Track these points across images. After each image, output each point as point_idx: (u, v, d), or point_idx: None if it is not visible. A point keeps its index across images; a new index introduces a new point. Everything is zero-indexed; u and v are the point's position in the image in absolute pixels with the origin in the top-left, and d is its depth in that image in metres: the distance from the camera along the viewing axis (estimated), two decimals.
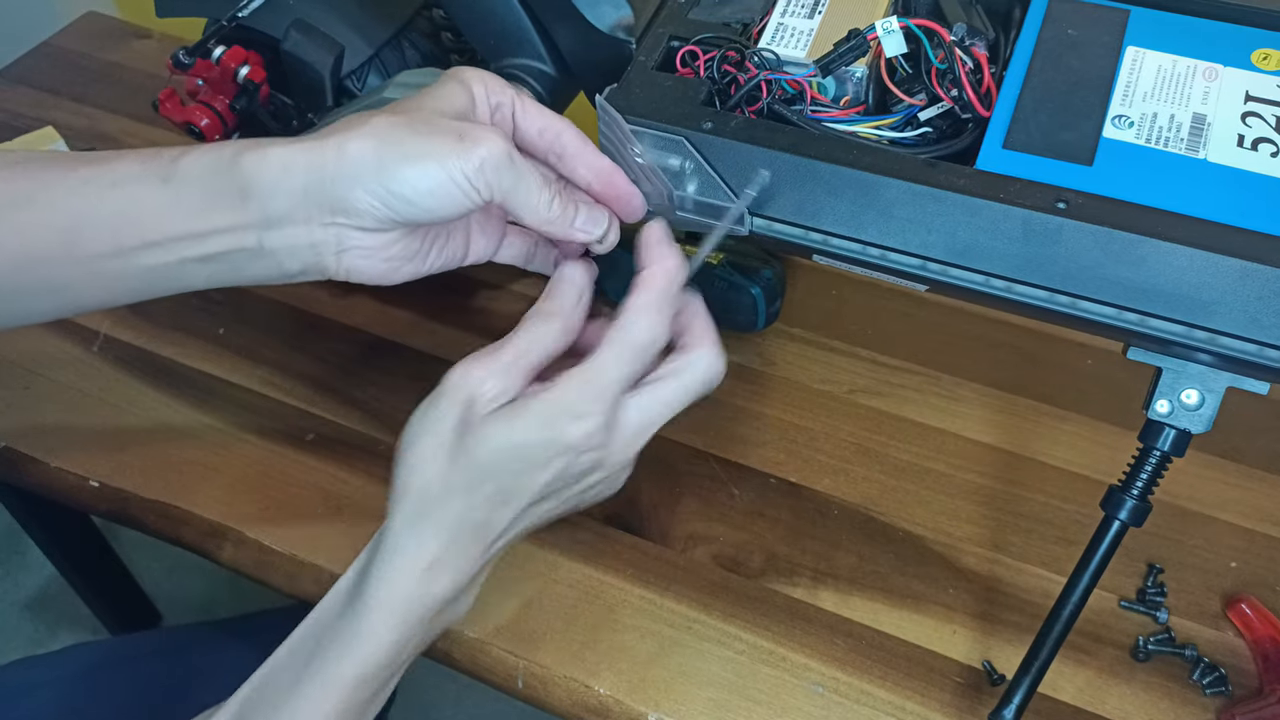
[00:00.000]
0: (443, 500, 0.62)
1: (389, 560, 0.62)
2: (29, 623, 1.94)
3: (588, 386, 0.62)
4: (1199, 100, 0.63)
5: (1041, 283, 0.60)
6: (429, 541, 0.62)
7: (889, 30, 0.65)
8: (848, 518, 0.94)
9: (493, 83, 0.65)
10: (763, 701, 0.83)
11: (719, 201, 0.67)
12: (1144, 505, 0.69)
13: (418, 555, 0.62)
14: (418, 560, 0.62)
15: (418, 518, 0.62)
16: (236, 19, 0.91)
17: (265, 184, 0.61)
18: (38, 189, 0.64)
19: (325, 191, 0.61)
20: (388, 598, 0.62)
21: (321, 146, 0.61)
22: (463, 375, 0.62)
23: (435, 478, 0.62)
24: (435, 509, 0.62)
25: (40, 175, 0.64)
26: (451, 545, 0.63)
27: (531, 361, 0.64)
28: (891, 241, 0.63)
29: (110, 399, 1.04)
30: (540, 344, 0.64)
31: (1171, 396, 0.65)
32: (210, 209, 0.63)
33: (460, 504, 0.62)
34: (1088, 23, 0.67)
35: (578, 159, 0.66)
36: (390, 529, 0.63)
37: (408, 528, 0.62)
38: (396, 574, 0.62)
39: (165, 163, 0.63)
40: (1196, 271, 0.57)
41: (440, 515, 0.62)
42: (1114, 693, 0.83)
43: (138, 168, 0.64)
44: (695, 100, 0.67)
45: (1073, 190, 0.59)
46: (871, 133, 0.66)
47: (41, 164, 0.65)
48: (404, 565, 0.62)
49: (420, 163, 0.60)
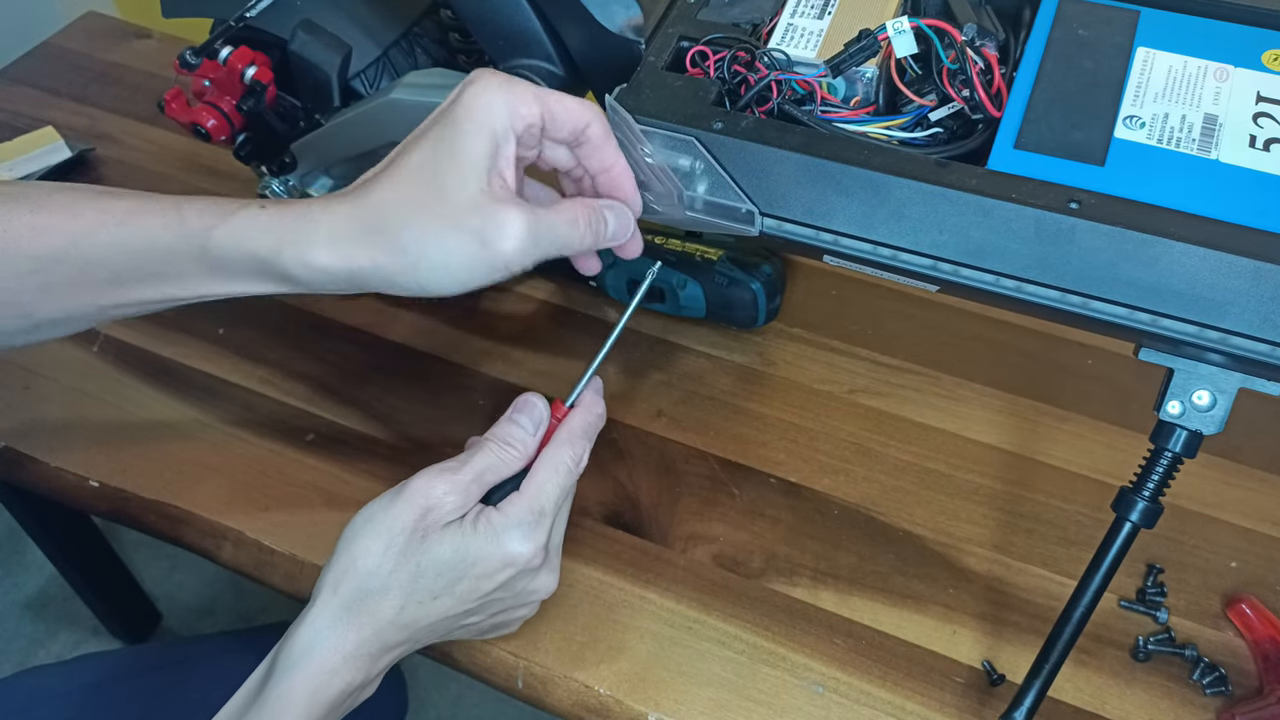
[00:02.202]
0: (380, 595, 0.67)
1: (306, 652, 0.67)
2: (29, 623, 1.93)
3: (534, 506, 0.70)
4: (1210, 101, 0.63)
5: (1053, 283, 0.61)
6: (351, 634, 0.67)
7: (900, 30, 0.65)
8: (848, 518, 0.94)
9: (518, 107, 0.64)
10: (763, 701, 0.83)
11: (729, 201, 0.67)
12: (1155, 507, 0.69)
13: (337, 646, 0.67)
14: (336, 651, 0.67)
15: (348, 608, 0.67)
16: (244, 19, 0.91)
17: (305, 280, 0.66)
18: (69, 244, 0.68)
19: (365, 283, 0.66)
20: (300, 688, 0.66)
21: (354, 256, 0.64)
22: (425, 485, 0.68)
23: (377, 571, 0.67)
24: (369, 602, 0.67)
25: (70, 228, 0.68)
26: (373, 639, 0.68)
27: (487, 482, 0.71)
28: (903, 242, 0.63)
29: (110, 399, 1.04)
30: (496, 470, 0.71)
31: (1183, 397, 0.66)
32: (250, 284, 0.69)
33: (395, 602, 0.68)
34: (1098, 23, 0.68)
35: (594, 153, 0.68)
36: (311, 619, 0.67)
37: (335, 617, 0.67)
38: (311, 665, 0.66)
39: (199, 233, 0.67)
40: (1209, 271, 0.57)
41: (373, 608, 0.67)
42: (1114, 693, 0.83)
43: (169, 235, 0.68)
44: (705, 100, 0.67)
45: (1085, 190, 0.59)
46: (882, 133, 0.67)
47: (70, 214, 0.69)
48: (320, 656, 0.67)
49: (450, 271, 0.64)
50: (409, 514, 0.68)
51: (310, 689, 0.66)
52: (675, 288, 1.03)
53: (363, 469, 0.98)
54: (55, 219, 0.68)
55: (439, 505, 0.68)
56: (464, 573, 0.69)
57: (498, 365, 1.06)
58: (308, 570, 0.91)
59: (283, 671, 0.66)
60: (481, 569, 0.69)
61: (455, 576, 0.69)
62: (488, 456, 0.71)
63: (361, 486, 0.96)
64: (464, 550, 0.68)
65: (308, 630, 0.67)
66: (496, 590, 0.71)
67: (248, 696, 0.68)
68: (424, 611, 0.69)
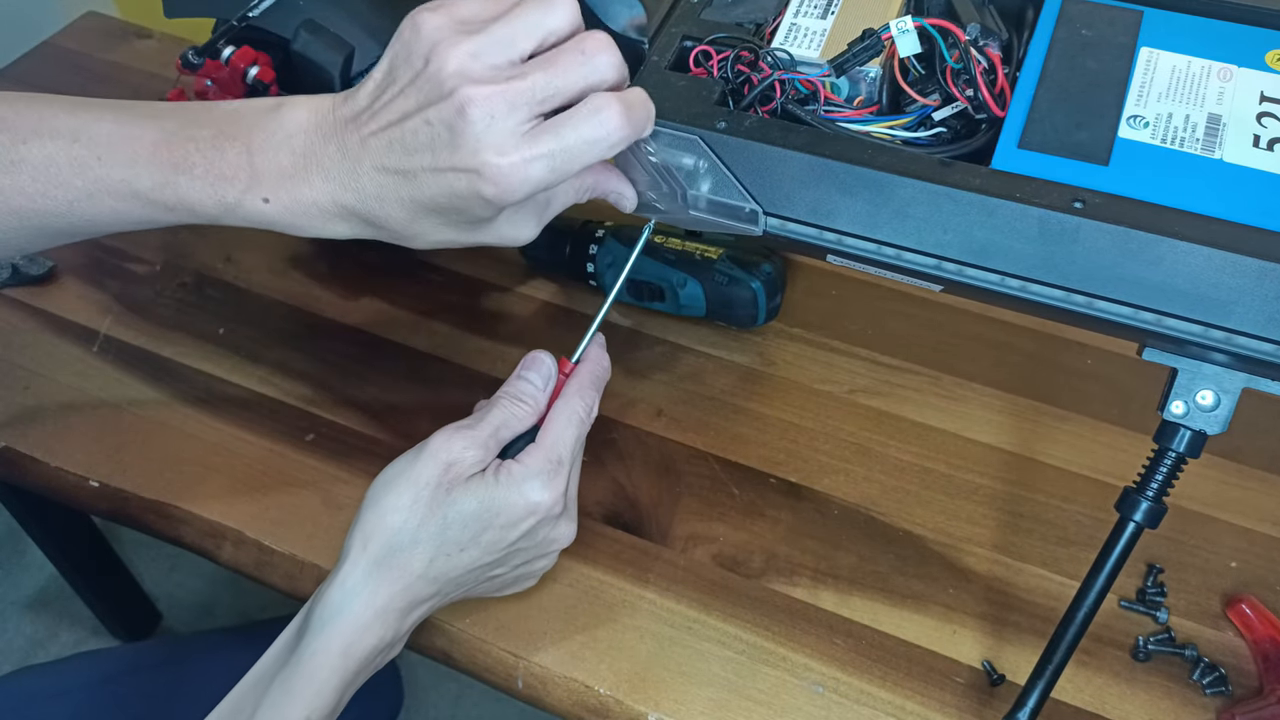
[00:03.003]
0: (409, 549, 0.69)
1: (340, 609, 0.69)
2: (29, 623, 1.93)
3: (551, 456, 0.72)
4: (1214, 101, 0.63)
5: (1058, 282, 0.61)
6: (382, 589, 0.69)
7: (904, 30, 0.65)
8: (848, 518, 0.94)
9: None
10: (763, 701, 0.83)
11: (732, 201, 0.67)
12: (1159, 507, 0.69)
13: (369, 602, 0.69)
14: (368, 607, 0.69)
15: (378, 564, 0.69)
16: (246, 19, 0.90)
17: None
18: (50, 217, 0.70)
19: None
20: (333, 643, 0.68)
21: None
22: (445, 442, 0.71)
23: (406, 527, 0.69)
24: (399, 556, 0.69)
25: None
26: (403, 593, 0.70)
27: (503, 438, 0.73)
28: (907, 241, 0.63)
29: (110, 399, 1.03)
30: (510, 425, 0.73)
31: (1187, 397, 0.66)
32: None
33: (425, 555, 0.70)
34: (1101, 23, 0.68)
35: None
36: (343, 578, 0.69)
37: (366, 573, 0.69)
38: (344, 622, 0.68)
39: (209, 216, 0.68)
40: (1214, 271, 0.57)
41: (403, 562, 0.69)
42: (1114, 693, 0.83)
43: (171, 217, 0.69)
44: (709, 100, 0.67)
45: (1089, 190, 0.59)
46: (885, 133, 0.67)
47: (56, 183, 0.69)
48: (354, 613, 0.69)
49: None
50: (432, 469, 0.70)
51: (344, 645, 0.68)
52: (675, 287, 1.03)
53: (363, 469, 0.98)
54: (41, 187, 0.68)
55: (460, 460, 0.70)
56: (489, 523, 0.71)
57: (498, 365, 1.06)
58: (308, 570, 0.91)
59: (316, 629, 0.68)
60: (506, 518, 0.71)
61: (481, 527, 0.71)
62: (501, 412, 0.73)
63: (361, 486, 0.95)
64: (488, 501, 0.70)
65: (339, 589, 0.69)
66: (520, 539, 0.73)
67: (278, 657, 0.70)
68: (452, 564, 0.71)
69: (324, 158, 0.63)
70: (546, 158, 0.59)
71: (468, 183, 0.59)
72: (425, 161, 0.60)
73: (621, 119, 0.60)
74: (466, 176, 0.59)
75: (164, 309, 1.12)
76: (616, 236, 1.06)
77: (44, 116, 0.67)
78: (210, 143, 0.65)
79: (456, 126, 0.58)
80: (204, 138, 0.65)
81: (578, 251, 1.08)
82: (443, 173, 0.60)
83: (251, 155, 0.64)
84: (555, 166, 0.60)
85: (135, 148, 0.65)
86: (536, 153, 0.59)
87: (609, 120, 0.60)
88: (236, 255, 1.18)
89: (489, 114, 0.58)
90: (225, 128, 0.65)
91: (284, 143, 0.64)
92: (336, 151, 0.63)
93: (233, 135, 0.65)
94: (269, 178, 0.64)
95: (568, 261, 1.09)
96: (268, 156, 0.64)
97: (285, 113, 0.65)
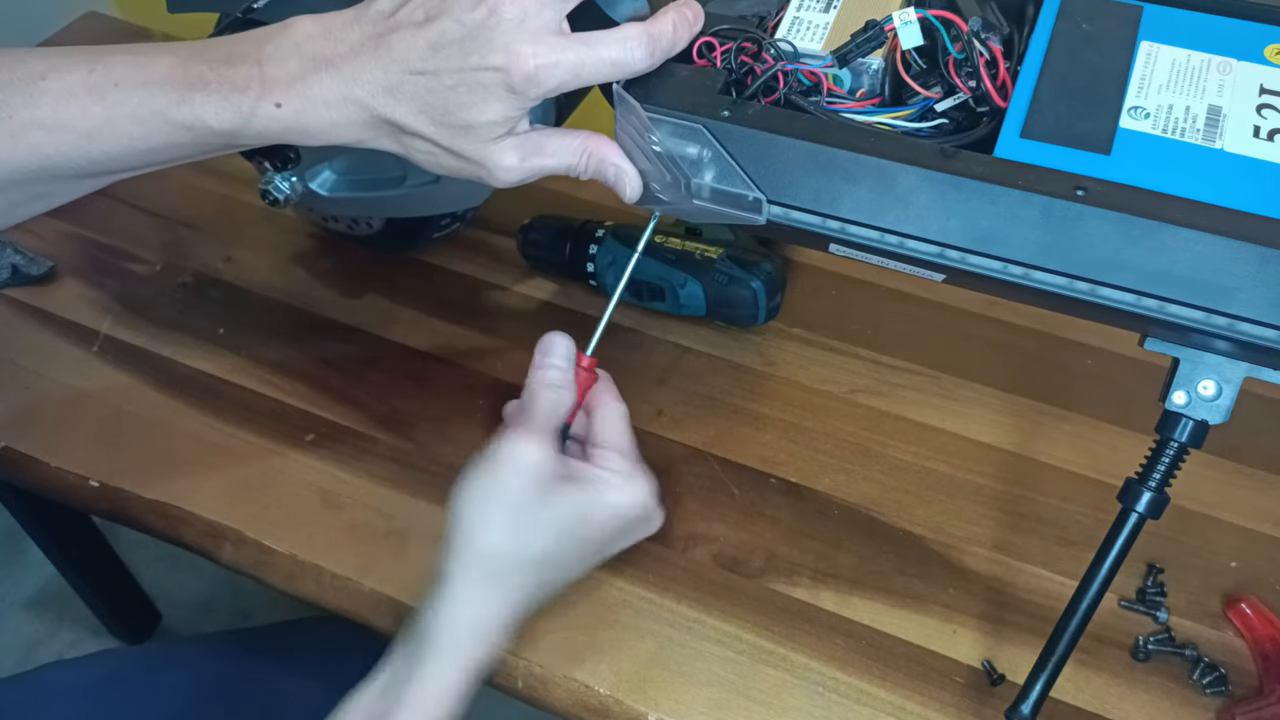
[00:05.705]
0: (516, 564, 0.71)
1: (458, 627, 0.70)
2: (29, 623, 1.93)
3: (625, 453, 0.76)
4: (1214, 93, 0.63)
5: (1060, 269, 0.61)
6: (494, 604, 0.71)
7: (906, 21, 0.66)
8: (848, 518, 0.94)
9: None
10: (763, 701, 0.83)
11: (736, 189, 0.67)
12: (1161, 497, 0.70)
13: (486, 617, 0.71)
14: (487, 622, 0.71)
15: (489, 579, 0.71)
16: (252, 10, 0.91)
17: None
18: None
19: None
20: (454, 663, 0.70)
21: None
22: (514, 452, 0.71)
23: (509, 546, 0.71)
24: (507, 573, 0.71)
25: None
26: (516, 605, 0.72)
27: (556, 427, 0.74)
28: (910, 229, 0.63)
29: (110, 399, 1.03)
30: (558, 412, 0.74)
31: (1189, 387, 0.66)
32: None
33: (535, 576, 0.72)
34: (1102, 18, 0.68)
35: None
36: (456, 593, 0.70)
37: (477, 592, 0.71)
38: (463, 639, 0.70)
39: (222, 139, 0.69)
40: (1216, 257, 0.57)
41: (517, 581, 0.71)
42: (1114, 693, 0.84)
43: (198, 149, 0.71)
44: (712, 90, 0.67)
45: (1092, 178, 0.60)
46: (888, 124, 0.67)
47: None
48: (474, 627, 0.70)
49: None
50: (517, 482, 0.71)
51: (463, 663, 0.70)
52: (675, 286, 1.03)
53: (363, 469, 0.98)
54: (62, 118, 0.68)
55: (539, 463, 0.71)
56: (617, 520, 0.75)
57: (498, 365, 1.06)
58: (308, 570, 0.91)
59: (433, 653, 0.70)
60: (624, 514, 0.75)
61: (578, 530, 0.73)
62: (545, 403, 0.74)
63: (361, 486, 0.96)
64: (583, 505, 0.73)
65: (449, 612, 0.70)
66: (618, 531, 0.76)
67: (384, 690, 0.71)
68: (560, 569, 0.74)
69: (334, 57, 0.65)
70: (574, 63, 0.63)
71: (494, 75, 0.62)
72: (453, 57, 0.63)
73: (644, 50, 0.65)
74: (493, 72, 0.62)
75: (164, 309, 1.12)
76: (616, 236, 1.07)
77: (60, 54, 0.68)
78: (223, 61, 0.66)
79: (489, 23, 0.62)
80: (216, 58, 0.67)
81: (578, 251, 1.08)
82: (468, 69, 0.63)
83: (262, 66, 0.66)
84: (578, 74, 0.64)
85: (150, 73, 0.67)
86: (564, 54, 0.63)
87: (634, 50, 0.64)
88: (236, 255, 1.18)
89: (522, 10, 0.62)
90: (236, 47, 0.67)
91: (293, 50, 0.66)
92: (349, 51, 0.65)
93: (244, 53, 0.67)
94: (280, 83, 0.65)
95: (568, 261, 1.09)
96: (277, 64, 0.65)
97: (294, 25, 0.67)
